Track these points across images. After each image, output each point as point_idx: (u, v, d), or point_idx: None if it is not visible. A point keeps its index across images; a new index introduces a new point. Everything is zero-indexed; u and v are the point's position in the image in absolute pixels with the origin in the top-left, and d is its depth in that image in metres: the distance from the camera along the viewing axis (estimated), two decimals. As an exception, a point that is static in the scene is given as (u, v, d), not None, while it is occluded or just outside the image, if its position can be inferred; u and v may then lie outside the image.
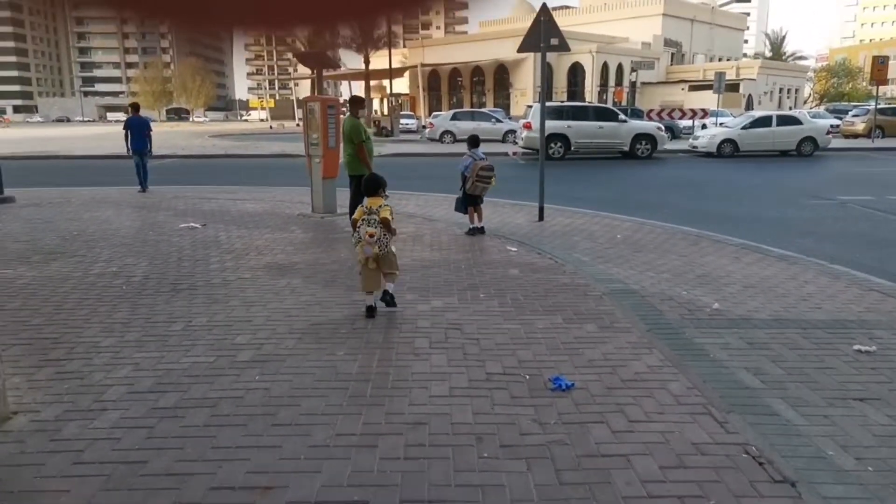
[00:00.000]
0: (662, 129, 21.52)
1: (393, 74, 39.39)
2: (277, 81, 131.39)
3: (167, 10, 0.96)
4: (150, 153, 12.61)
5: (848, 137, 28.01)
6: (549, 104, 15.04)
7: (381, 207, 4.80)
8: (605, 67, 55.16)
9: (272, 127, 56.46)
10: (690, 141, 22.71)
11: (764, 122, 21.31)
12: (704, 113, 29.49)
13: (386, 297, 4.98)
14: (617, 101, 39.33)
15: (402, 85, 56.64)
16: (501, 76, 56.86)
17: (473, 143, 8.22)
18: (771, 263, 6.62)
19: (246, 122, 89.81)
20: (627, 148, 20.14)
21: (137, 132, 12.30)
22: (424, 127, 33.02)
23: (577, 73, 55.29)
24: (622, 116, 20.78)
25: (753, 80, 57.18)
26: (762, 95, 59.05)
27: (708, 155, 21.00)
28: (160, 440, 3.06)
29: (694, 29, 65.24)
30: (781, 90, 63.69)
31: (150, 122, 12.98)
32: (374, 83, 47.23)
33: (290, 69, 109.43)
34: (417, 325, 4.73)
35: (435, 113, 34.97)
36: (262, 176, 16.41)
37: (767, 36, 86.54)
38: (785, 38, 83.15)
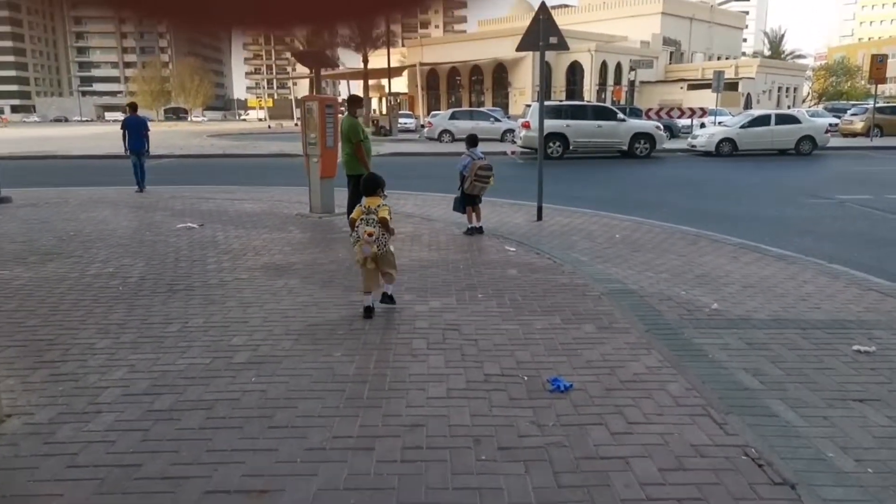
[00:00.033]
0: (661, 128, 21.51)
1: (391, 74, 39.35)
2: (276, 81, 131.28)
3: (165, 9, 0.95)
4: (147, 153, 12.60)
5: (846, 136, 28.01)
6: (547, 103, 15.01)
7: (379, 207, 4.82)
8: (603, 66, 55.17)
9: (271, 126, 56.42)
10: (689, 140, 22.71)
11: (762, 121, 21.30)
12: (703, 112, 29.50)
13: (385, 299, 5.07)
14: (616, 100, 39.29)
15: (400, 84, 56.63)
16: (500, 75, 56.86)
17: (472, 142, 8.19)
18: (770, 263, 6.60)
19: (244, 121, 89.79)
20: (626, 147, 20.14)
21: (135, 132, 12.30)
22: (423, 126, 33.01)
23: (575, 72, 55.29)
24: (621, 115, 20.75)
25: (752, 78, 57.20)
26: (761, 94, 59.10)
27: (706, 154, 21.00)
28: (155, 443, 3.04)
29: (693, 27, 65.27)
30: (780, 89, 63.74)
31: (147, 121, 12.98)
32: (372, 82, 47.19)
33: (288, 68, 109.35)
34: (415, 325, 4.71)
35: (433, 112, 34.97)
36: (260, 176, 16.39)
37: (766, 34, 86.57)
38: (784, 36, 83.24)
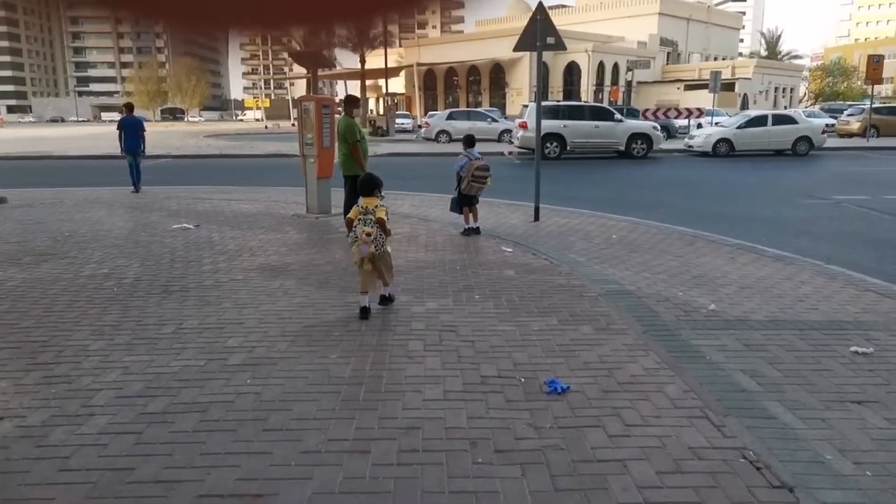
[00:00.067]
0: (658, 128, 21.53)
1: (389, 74, 39.31)
2: (273, 81, 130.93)
3: (162, 9, 0.95)
4: (143, 153, 12.56)
5: (843, 137, 28.06)
6: (545, 103, 15.03)
7: (377, 207, 4.84)
8: (601, 67, 55.16)
9: (267, 127, 56.32)
10: (686, 140, 22.72)
11: (759, 121, 21.33)
12: (700, 112, 29.50)
13: (383, 301, 5.13)
14: (613, 100, 39.36)
15: (397, 84, 56.58)
16: (497, 75, 56.82)
17: (469, 142, 8.17)
18: (767, 264, 6.59)
19: (241, 121, 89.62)
20: (623, 147, 20.14)
21: (131, 132, 12.26)
22: (420, 126, 32.99)
23: (573, 72, 55.26)
24: (618, 116, 20.75)
25: (749, 79, 57.25)
26: (757, 95, 59.12)
27: (703, 154, 21.01)
28: (148, 446, 3.01)
29: (690, 28, 65.30)
30: (777, 89, 63.79)
31: (143, 122, 12.95)
32: (369, 83, 47.18)
33: (285, 69, 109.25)
34: (412, 327, 4.68)
35: (431, 112, 34.89)
36: (256, 176, 16.35)
37: (763, 35, 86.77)
38: (780, 37, 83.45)
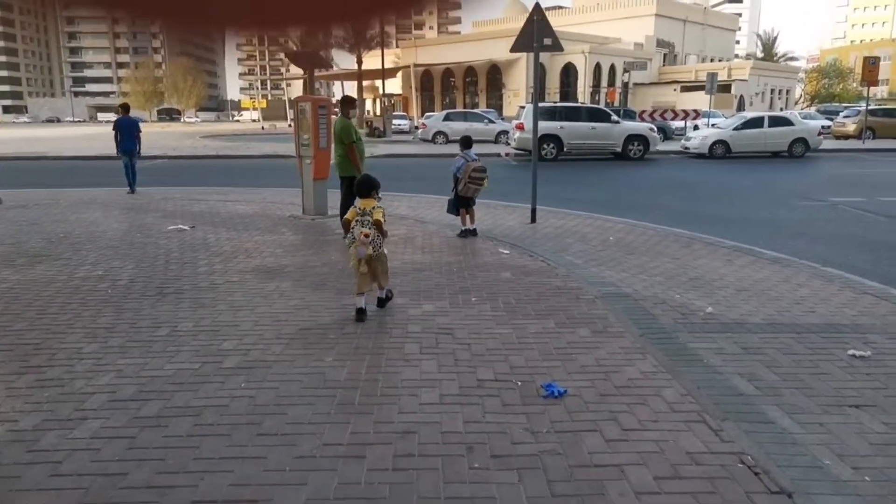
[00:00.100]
0: (655, 130, 21.54)
1: (385, 75, 39.30)
2: (269, 82, 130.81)
3: (159, 9, 0.95)
4: (138, 154, 12.51)
5: (839, 138, 28.12)
6: (541, 105, 15.01)
7: (374, 209, 4.84)
8: (597, 68, 55.21)
9: (264, 127, 56.27)
10: (682, 142, 22.73)
11: (755, 123, 21.35)
12: (696, 114, 29.55)
13: (380, 303, 5.12)
14: (609, 101, 39.40)
15: (394, 85, 56.57)
16: (494, 77, 56.83)
17: (466, 144, 8.15)
18: (764, 266, 6.58)
19: (238, 122, 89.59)
20: (620, 149, 20.15)
21: (127, 133, 12.21)
22: (417, 128, 32.99)
23: (569, 73, 55.31)
24: (615, 117, 20.76)
25: (745, 80, 57.38)
26: (754, 96, 59.27)
27: (700, 156, 21.02)
28: (141, 451, 2.98)
29: (686, 29, 65.42)
30: (773, 91, 63.94)
31: (139, 122, 12.90)
32: (366, 83, 47.17)
33: (282, 69, 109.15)
34: (408, 329, 4.66)
35: (427, 113, 34.90)
36: (253, 177, 16.30)
37: (759, 37, 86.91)
38: (776, 38, 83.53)
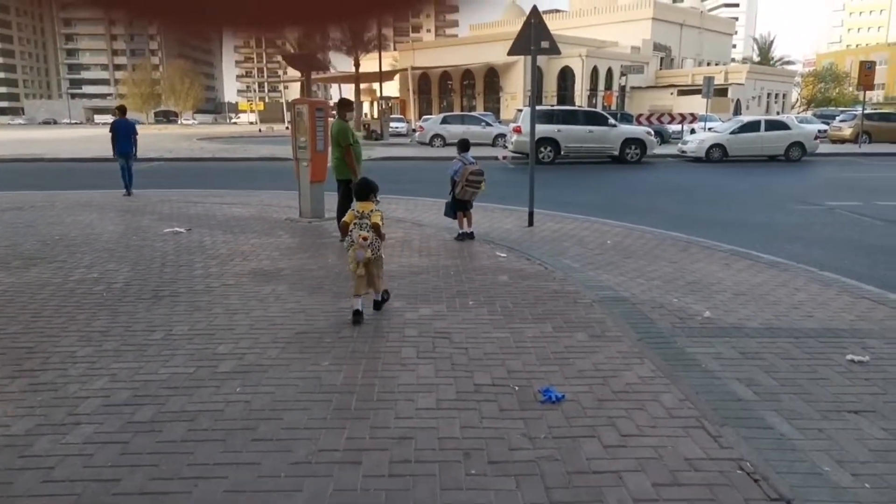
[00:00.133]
0: (652, 133, 21.56)
1: (383, 77, 39.27)
2: (267, 84, 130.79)
3: (156, 10, 0.94)
4: (134, 156, 12.48)
5: (835, 142, 28.18)
6: (539, 108, 15.02)
7: (372, 212, 4.84)
8: (594, 71, 55.34)
9: (261, 130, 56.24)
10: (679, 145, 22.76)
11: (752, 127, 21.39)
12: (693, 117, 29.60)
13: (376, 305, 5.11)
14: (606, 105, 39.42)
15: (392, 88, 56.56)
16: (492, 80, 56.91)
17: (463, 147, 8.14)
18: (761, 270, 6.57)
19: (235, 124, 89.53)
20: (617, 152, 20.16)
21: (123, 135, 12.18)
22: (414, 130, 32.98)
23: (566, 77, 55.43)
24: (612, 121, 20.77)
25: (742, 84, 57.56)
26: (750, 100, 59.45)
27: (697, 160, 21.05)
28: (134, 456, 2.94)
29: (683, 33, 65.65)
30: (769, 95, 64.18)
31: (136, 125, 12.87)
32: (364, 86, 47.12)
33: (279, 72, 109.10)
34: (405, 333, 4.63)
35: (425, 116, 34.95)
36: (250, 179, 16.26)
37: (755, 41, 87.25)
38: (773, 42, 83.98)
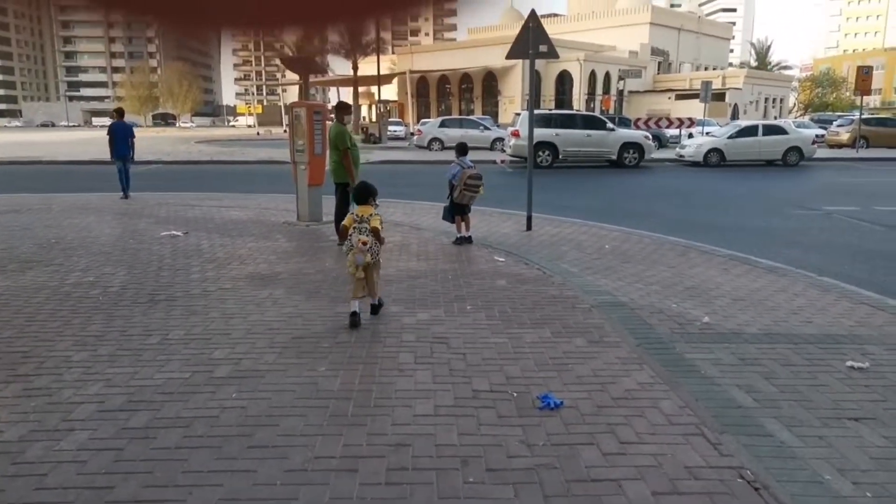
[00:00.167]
0: (650, 137, 21.58)
1: (381, 81, 39.28)
2: (265, 87, 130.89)
3: (155, 11, 0.94)
4: (131, 159, 12.45)
5: (833, 147, 28.25)
6: (537, 112, 15.01)
7: (371, 216, 4.82)
8: (592, 76, 55.42)
9: (259, 133, 56.16)
10: (677, 150, 22.79)
11: (750, 131, 21.42)
12: (691, 122, 29.66)
13: (374, 310, 5.10)
14: (604, 109, 39.42)
15: (390, 91, 56.63)
16: (490, 83, 56.95)
17: (461, 150, 8.13)
18: (760, 275, 6.55)
19: (233, 127, 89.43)
20: (615, 156, 20.17)
21: (121, 138, 12.16)
22: (412, 134, 33.00)
23: (564, 81, 55.50)
24: (610, 125, 20.80)
25: (739, 89, 57.65)
26: (748, 105, 59.55)
27: (694, 164, 21.08)
28: (128, 463, 2.91)
29: (681, 38, 65.77)
30: (767, 100, 64.29)
31: (133, 128, 12.84)
32: (362, 89, 47.14)
33: (278, 75, 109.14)
34: (402, 338, 4.60)
35: (423, 120, 34.95)
36: (248, 182, 16.22)
37: (753, 45, 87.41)
38: (770, 47, 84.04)
